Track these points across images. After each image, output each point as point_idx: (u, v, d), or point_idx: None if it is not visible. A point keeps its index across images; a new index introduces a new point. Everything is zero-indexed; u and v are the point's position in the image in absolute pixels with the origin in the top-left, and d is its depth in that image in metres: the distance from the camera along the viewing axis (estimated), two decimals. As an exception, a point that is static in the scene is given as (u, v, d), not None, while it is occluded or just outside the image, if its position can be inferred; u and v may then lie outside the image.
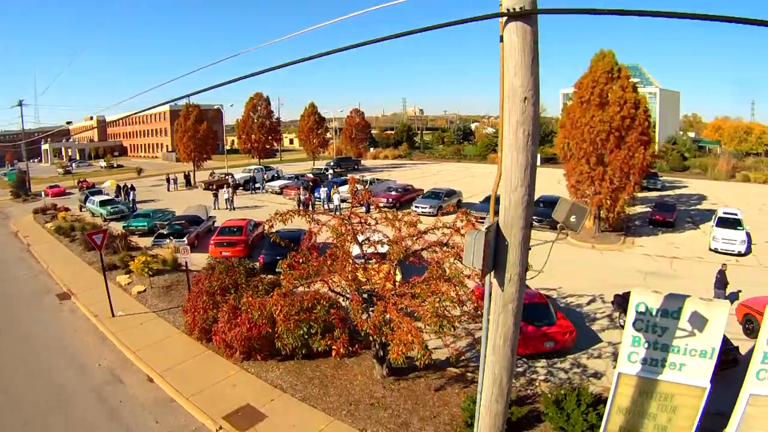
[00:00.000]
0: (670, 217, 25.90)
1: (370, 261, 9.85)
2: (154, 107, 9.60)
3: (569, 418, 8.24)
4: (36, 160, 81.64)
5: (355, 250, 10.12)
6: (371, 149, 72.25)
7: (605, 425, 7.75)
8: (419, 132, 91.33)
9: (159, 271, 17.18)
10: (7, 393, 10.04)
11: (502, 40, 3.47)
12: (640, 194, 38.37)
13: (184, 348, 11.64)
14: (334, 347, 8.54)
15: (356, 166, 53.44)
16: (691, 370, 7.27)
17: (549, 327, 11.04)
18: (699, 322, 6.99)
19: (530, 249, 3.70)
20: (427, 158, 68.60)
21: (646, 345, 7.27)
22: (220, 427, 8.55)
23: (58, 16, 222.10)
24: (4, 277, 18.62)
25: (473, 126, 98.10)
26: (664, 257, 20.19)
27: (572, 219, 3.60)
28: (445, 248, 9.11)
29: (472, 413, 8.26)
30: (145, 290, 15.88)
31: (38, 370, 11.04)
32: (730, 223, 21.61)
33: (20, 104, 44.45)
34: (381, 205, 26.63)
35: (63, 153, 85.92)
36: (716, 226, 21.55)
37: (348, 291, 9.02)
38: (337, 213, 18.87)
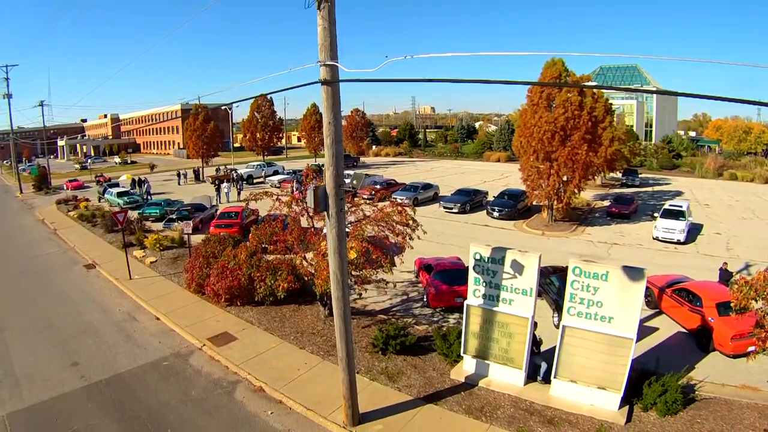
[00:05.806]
0: (625, 209, 27.99)
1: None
2: (176, 117, 12.98)
3: (450, 346, 11.18)
4: (52, 157, 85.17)
5: None
6: (374, 147, 75.09)
7: (464, 345, 10.54)
8: (422, 130, 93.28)
9: (168, 247, 20.81)
10: (50, 327, 13.61)
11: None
12: (616, 190, 40.54)
13: (184, 298, 15.14)
14: (281, 285, 11.87)
15: (355, 163, 56.40)
16: (518, 304, 9.90)
17: (460, 286, 13.96)
18: (518, 267, 9.72)
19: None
20: (426, 156, 70.84)
21: (484, 284, 10.09)
22: (204, 344, 11.96)
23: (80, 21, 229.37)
24: (38, 253, 22.39)
25: (478, 125, 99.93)
26: (606, 243, 22.79)
27: (354, 182, 6.74)
28: (368, 219, 12.31)
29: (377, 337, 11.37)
30: (156, 261, 19.43)
31: (72, 313, 14.61)
32: (673, 214, 23.60)
33: (41, 104, 48.46)
34: (365, 196, 29.93)
35: (78, 150, 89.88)
36: (661, 217, 23.61)
37: (294, 247, 12.32)
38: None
